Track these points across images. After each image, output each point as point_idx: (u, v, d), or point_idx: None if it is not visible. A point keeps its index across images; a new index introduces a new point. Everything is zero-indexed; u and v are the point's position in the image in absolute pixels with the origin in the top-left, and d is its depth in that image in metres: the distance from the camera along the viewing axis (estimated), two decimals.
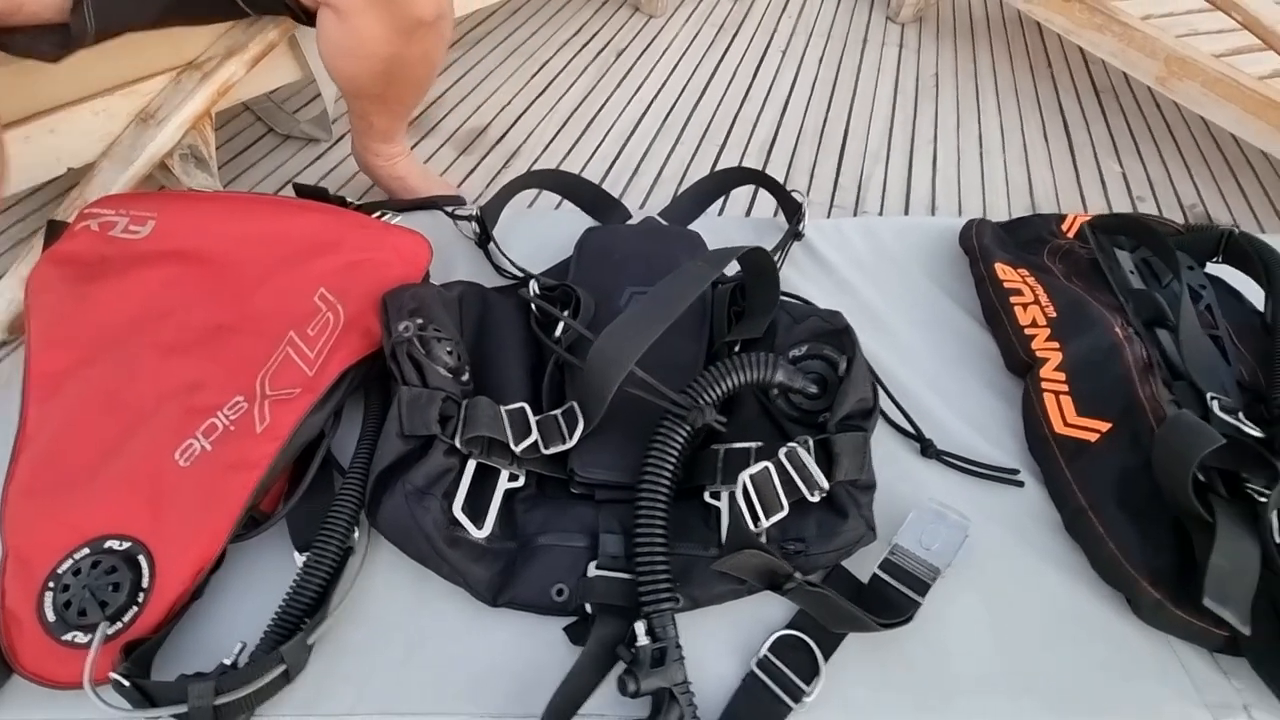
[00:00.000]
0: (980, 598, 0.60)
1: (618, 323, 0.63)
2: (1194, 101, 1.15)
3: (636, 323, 0.63)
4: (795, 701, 0.53)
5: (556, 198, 1.00)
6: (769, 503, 0.57)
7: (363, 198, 1.05)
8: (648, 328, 0.62)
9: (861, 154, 1.24)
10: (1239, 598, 0.55)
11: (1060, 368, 0.71)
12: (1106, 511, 0.63)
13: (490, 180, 1.14)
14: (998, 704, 0.55)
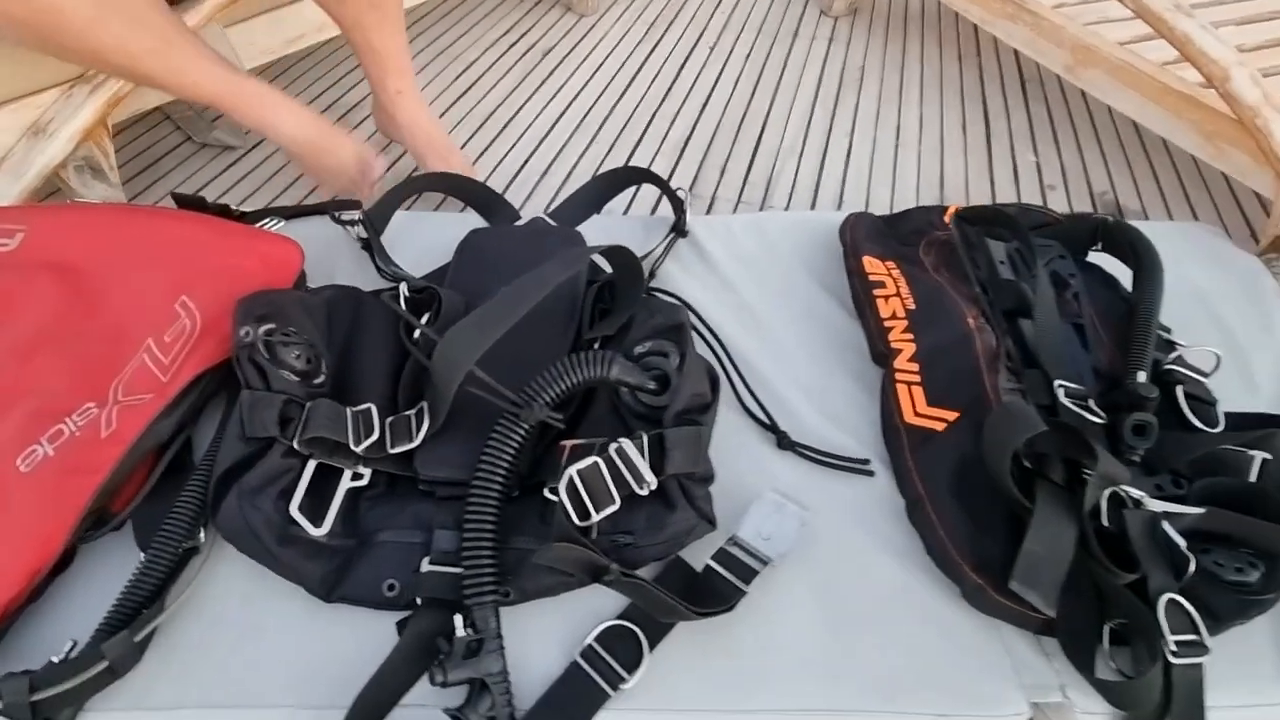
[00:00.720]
0: (813, 585, 0.62)
1: (460, 324, 0.64)
2: (1099, 89, 1.15)
3: (478, 324, 0.64)
4: (614, 689, 0.55)
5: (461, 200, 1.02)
6: (599, 497, 0.59)
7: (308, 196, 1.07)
8: (489, 329, 0.64)
9: (776, 149, 1.25)
10: (1048, 581, 0.56)
11: (914, 358, 0.73)
12: (941, 499, 0.64)
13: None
14: (816, 687, 0.56)
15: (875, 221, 0.90)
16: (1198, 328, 0.87)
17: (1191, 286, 0.91)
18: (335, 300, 0.76)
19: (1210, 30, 0.96)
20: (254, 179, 1.14)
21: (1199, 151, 1.04)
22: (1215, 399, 0.70)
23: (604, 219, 0.96)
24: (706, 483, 0.64)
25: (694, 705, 0.55)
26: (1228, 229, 1.16)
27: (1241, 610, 0.59)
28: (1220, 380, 0.81)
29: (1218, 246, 0.96)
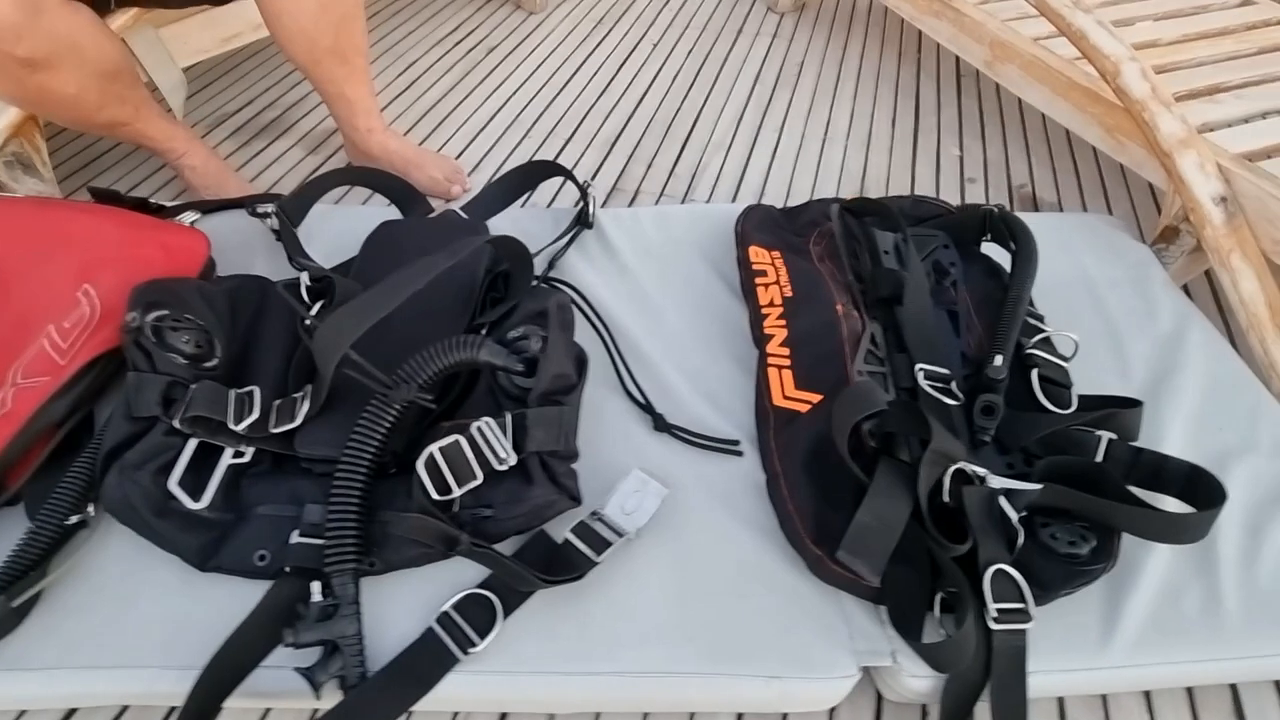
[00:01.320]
0: (670, 557, 0.65)
1: (338, 311, 0.68)
2: (1014, 84, 1.18)
3: (355, 311, 0.68)
4: (464, 652, 0.58)
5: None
6: (461, 472, 0.62)
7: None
8: (365, 316, 0.67)
9: (705, 144, 1.28)
10: (876, 552, 0.59)
11: (784, 343, 0.76)
12: (793, 476, 0.67)
13: None
14: (658, 653, 0.60)
15: (772, 213, 0.93)
16: (1083, 315, 0.90)
17: (1083, 275, 0.94)
18: (239, 289, 0.80)
19: (1105, 26, 0.98)
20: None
21: (1101, 144, 1.07)
22: (1069, 382, 0.73)
23: (518, 211, 1.00)
24: (569, 460, 0.67)
25: (539, 668, 0.59)
26: (1139, 220, 1.19)
27: (1068, 580, 0.62)
28: (1096, 365, 0.84)
29: (1113, 237, 0.99)
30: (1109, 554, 0.64)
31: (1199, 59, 1.14)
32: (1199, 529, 0.63)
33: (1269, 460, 0.74)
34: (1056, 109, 1.11)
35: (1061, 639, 0.61)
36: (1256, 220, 0.88)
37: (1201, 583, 0.65)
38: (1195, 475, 0.65)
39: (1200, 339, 0.86)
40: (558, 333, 0.68)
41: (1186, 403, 0.79)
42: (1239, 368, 0.83)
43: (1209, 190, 0.89)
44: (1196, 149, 0.90)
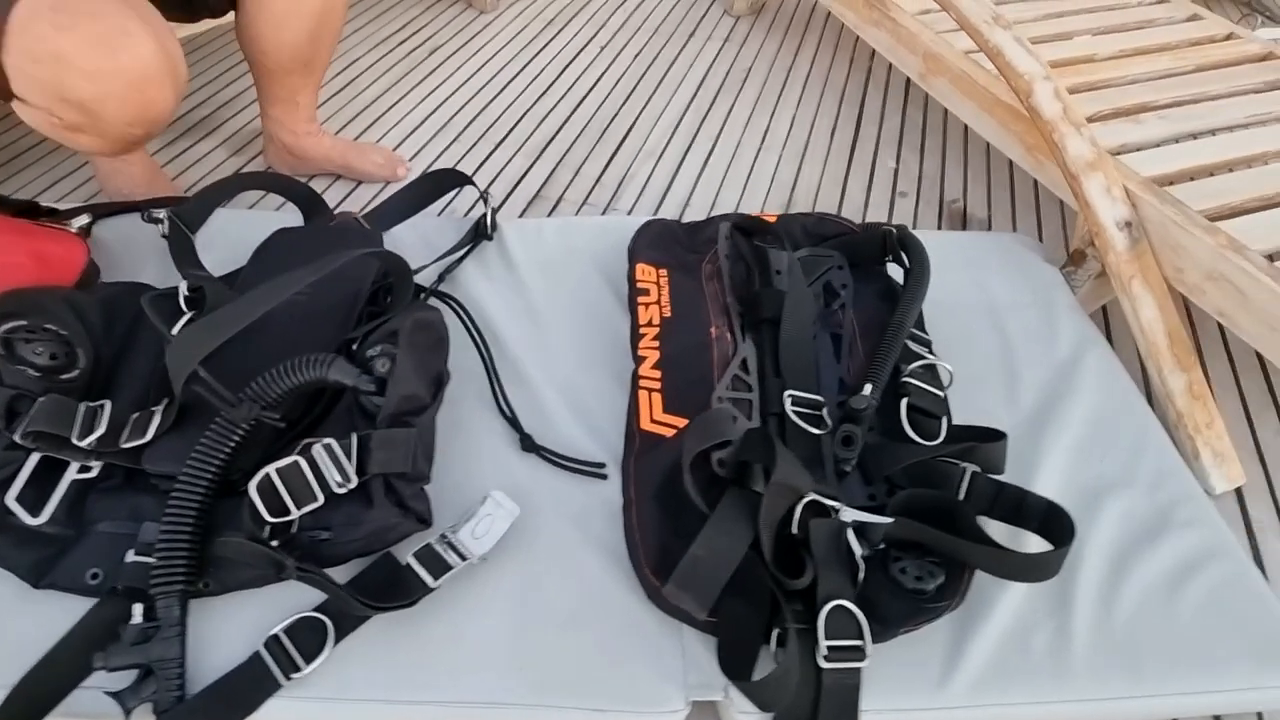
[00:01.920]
0: (516, 583, 0.64)
1: (193, 325, 0.68)
2: (944, 97, 1.16)
3: (208, 326, 0.67)
4: (288, 677, 0.58)
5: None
6: (299, 494, 0.61)
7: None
8: (219, 331, 0.67)
9: (637, 151, 1.26)
10: (705, 586, 0.58)
11: (657, 365, 0.75)
12: (645, 503, 0.67)
13: None
14: (484, 682, 0.59)
15: (673, 229, 0.91)
16: (981, 338, 0.88)
17: (987, 297, 0.93)
18: (116, 297, 0.79)
19: (1021, 43, 0.96)
20: None
21: (1022, 163, 1.05)
22: (941, 412, 0.72)
23: (421, 220, 0.98)
24: (419, 482, 0.66)
25: (364, 695, 0.58)
26: (1068, 242, 1.17)
27: (910, 616, 0.61)
28: (986, 390, 0.83)
29: (1024, 259, 0.97)
30: (955, 591, 0.63)
31: (1132, 76, 1.12)
32: (1047, 568, 0.62)
33: (1145, 495, 0.73)
34: (982, 124, 1.09)
35: (899, 678, 0.60)
36: (1160, 247, 0.87)
37: (1053, 622, 0.64)
38: (1051, 511, 0.64)
39: (1097, 366, 0.84)
40: (407, 353, 0.67)
41: (1071, 431, 0.78)
42: (1132, 397, 0.82)
43: (1114, 215, 0.87)
44: (1104, 172, 0.88)
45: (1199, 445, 0.83)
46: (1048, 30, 1.22)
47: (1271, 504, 0.83)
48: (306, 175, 1.13)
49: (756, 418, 0.71)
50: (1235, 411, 0.93)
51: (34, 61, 0.71)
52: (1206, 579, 0.67)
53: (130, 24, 0.74)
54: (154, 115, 0.80)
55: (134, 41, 0.74)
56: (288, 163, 1.15)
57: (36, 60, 0.71)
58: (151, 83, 0.77)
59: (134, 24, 0.74)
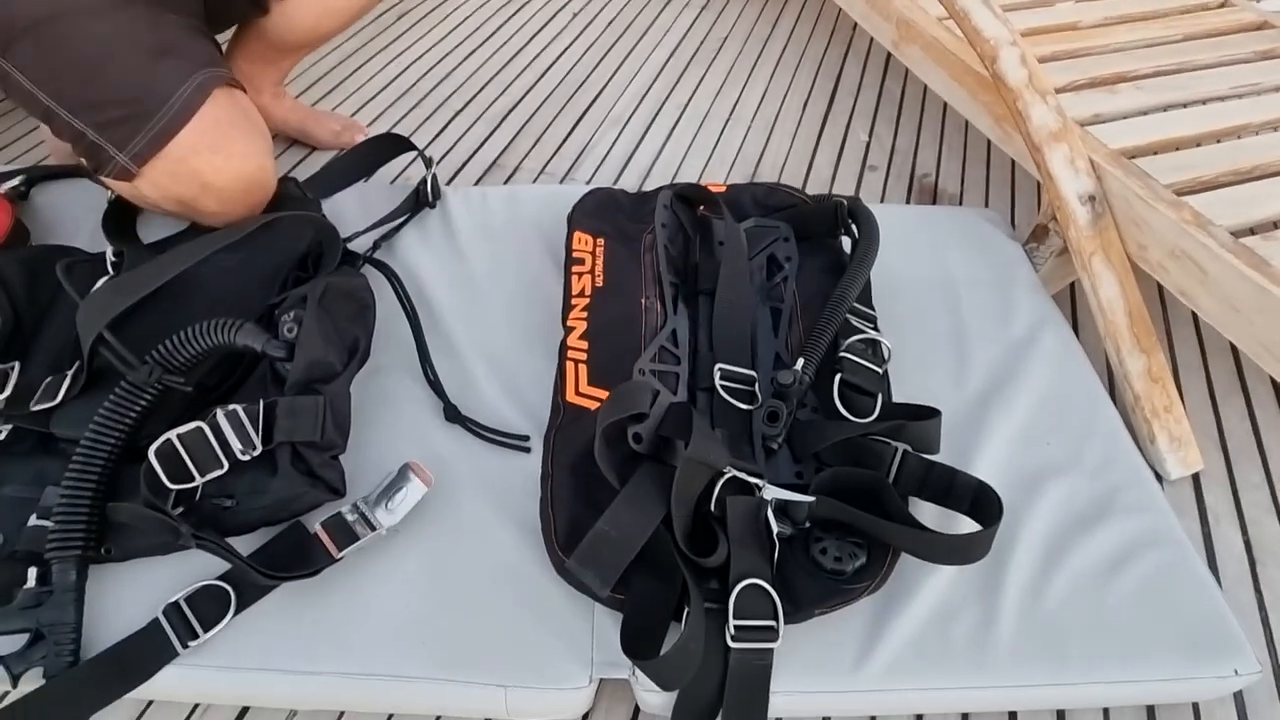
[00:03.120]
0: (428, 555, 0.62)
1: (99, 289, 0.66)
2: (916, 66, 1.11)
3: (115, 289, 0.66)
4: (184, 645, 0.57)
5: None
6: (203, 460, 0.60)
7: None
8: (125, 294, 0.65)
9: (601, 120, 1.22)
10: (609, 562, 0.57)
11: (584, 336, 0.72)
12: (560, 477, 0.65)
13: None
14: (390, 654, 0.57)
15: (618, 198, 0.88)
16: (935, 315, 0.85)
17: (945, 273, 0.89)
18: (39, 259, 0.78)
19: (989, 6, 0.92)
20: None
21: (991, 134, 1.00)
22: (877, 389, 0.69)
23: (364, 187, 0.96)
24: (329, 450, 0.64)
25: (262, 664, 0.57)
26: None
27: (825, 598, 0.59)
28: (935, 369, 0.80)
29: (988, 234, 0.94)
30: (875, 573, 0.61)
31: (1116, 44, 1.07)
32: (972, 550, 0.60)
33: (1090, 479, 0.71)
34: (953, 94, 1.05)
35: (814, 659, 0.59)
36: (1124, 222, 0.83)
37: (980, 606, 0.62)
38: (981, 492, 0.62)
39: (1052, 346, 0.81)
40: (315, 318, 0.65)
41: (1018, 413, 0.75)
42: (1086, 378, 0.79)
43: (1076, 187, 0.83)
44: (1068, 143, 0.84)
45: (1155, 429, 0.80)
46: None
47: (1229, 491, 0.80)
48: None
49: (683, 391, 0.69)
50: (1201, 395, 0.90)
51: (176, 182, 0.75)
52: (1145, 566, 0.65)
53: (265, 158, 0.79)
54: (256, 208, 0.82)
55: (264, 168, 0.79)
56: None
57: (179, 181, 0.74)
58: (263, 188, 0.80)
59: (266, 156, 0.79)
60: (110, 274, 0.76)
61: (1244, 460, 0.83)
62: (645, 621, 0.57)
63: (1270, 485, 0.81)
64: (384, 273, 0.81)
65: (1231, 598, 0.73)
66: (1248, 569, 0.75)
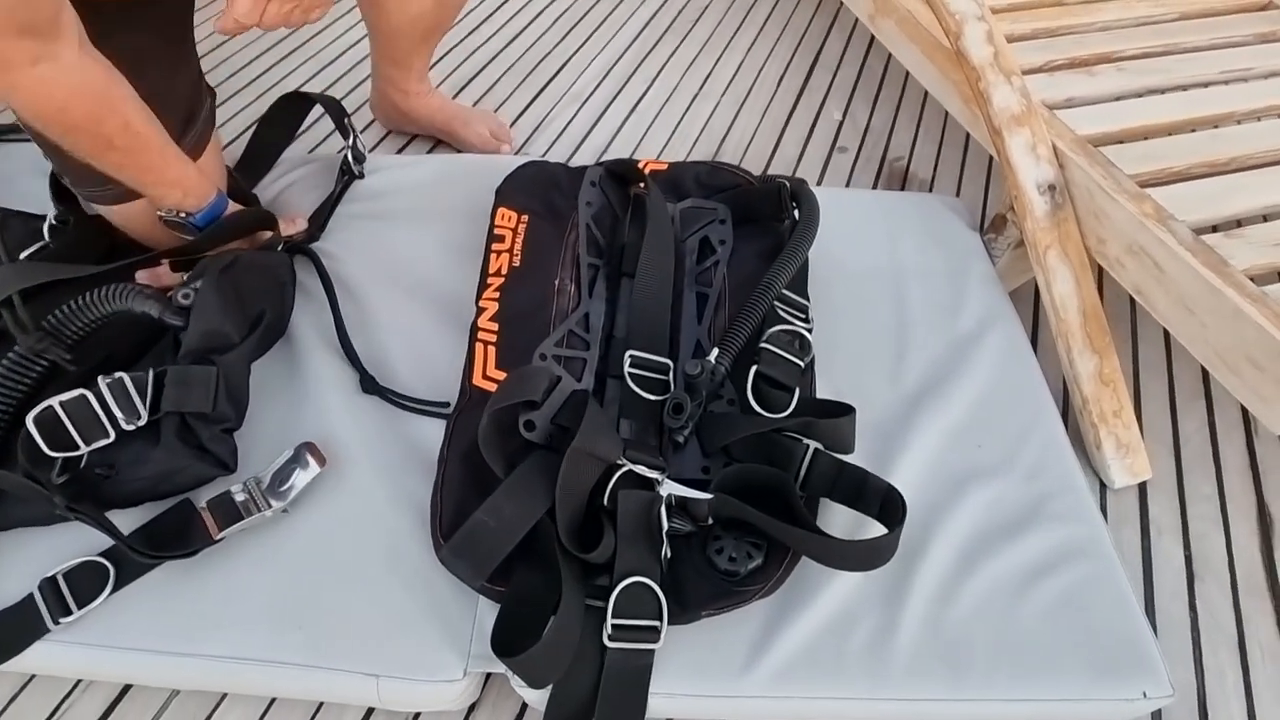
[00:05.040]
0: (316, 535, 0.61)
1: (33, 260, 0.65)
2: (890, 41, 1.06)
3: (50, 268, 0.65)
4: (56, 621, 0.56)
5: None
6: (87, 428, 0.58)
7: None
8: (56, 272, 0.64)
9: (562, 93, 1.18)
10: (484, 554, 0.54)
11: (494, 318, 0.70)
12: (454, 462, 0.63)
13: None
14: (261, 638, 0.56)
15: (550, 172, 0.84)
16: (879, 306, 0.81)
17: (895, 262, 0.85)
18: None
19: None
20: None
21: (960, 117, 0.95)
22: (794, 384, 0.66)
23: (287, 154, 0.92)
24: (222, 423, 0.63)
25: (134, 644, 0.56)
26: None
27: (714, 599, 0.57)
28: (868, 366, 0.76)
29: (947, 223, 0.89)
30: (770, 576, 0.58)
31: (1101, 23, 1.01)
32: (871, 556, 0.57)
33: (1019, 485, 0.67)
34: (924, 73, 0.99)
35: (701, 661, 0.56)
36: (1084, 214, 0.78)
37: (882, 614, 0.59)
38: (889, 496, 0.59)
39: (998, 343, 0.77)
40: (212, 287, 0.63)
41: (952, 412, 0.71)
42: (1030, 379, 0.75)
43: (1035, 176, 0.79)
44: (1030, 127, 0.79)
45: (1102, 435, 0.76)
46: None
47: (1177, 502, 0.77)
48: (410, 135, 1.09)
49: (590, 379, 0.66)
50: (1160, 400, 0.86)
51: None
52: (1064, 579, 0.61)
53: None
54: None
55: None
56: (395, 121, 1.09)
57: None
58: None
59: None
60: (46, 239, 0.75)
61: (1197, 470, 0.79)
62: (522, 616, 0.55)
63: (1221, 497, 0.77)
64: (302, 251, 0.78)
65: (1164, 614, 0.70)
66: (1185, 584, 0.71)
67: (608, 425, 0.59)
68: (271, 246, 0.76)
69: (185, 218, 0.70)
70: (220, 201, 0.73)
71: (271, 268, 0.72)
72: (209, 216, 0.71)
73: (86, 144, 0.62)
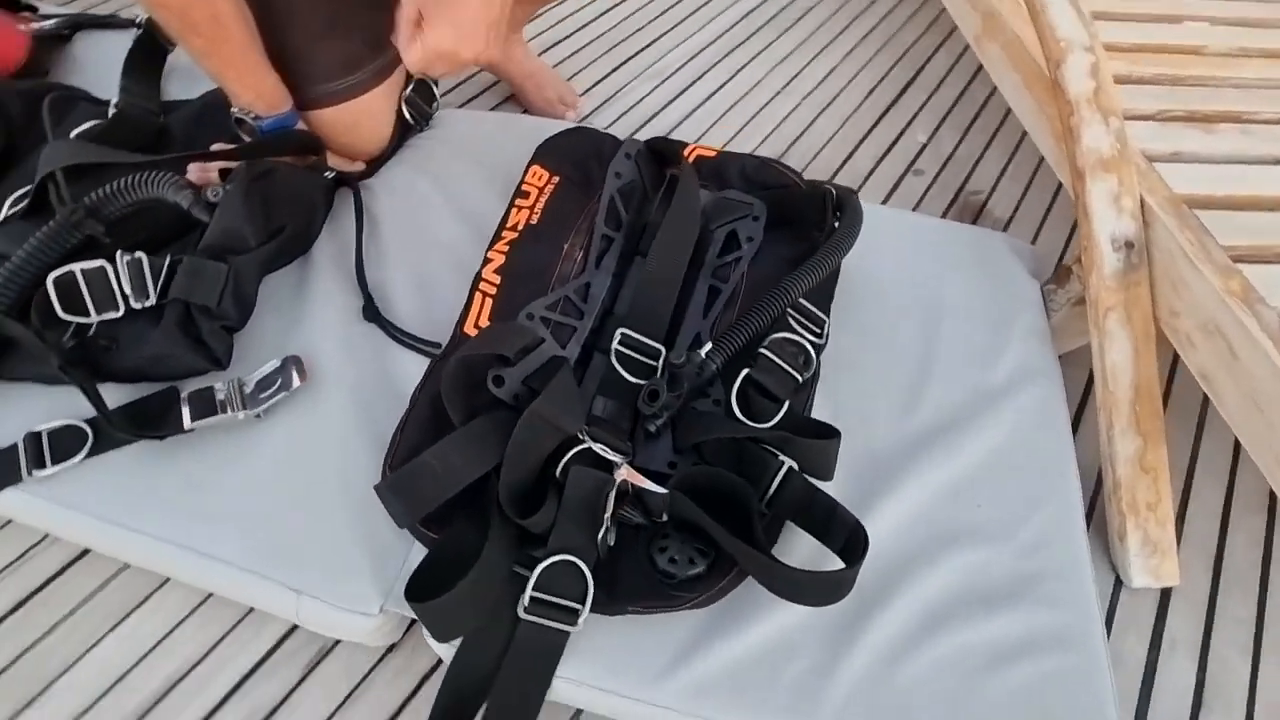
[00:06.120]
0: (283, 448, 0.61)
1: (82, 138, 0.72)
2: (993, 66, 0.97)
3: (90, 148, 0.70)
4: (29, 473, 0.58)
5: None
6: (101, 298, 0.61)
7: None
8: (96, 154, 0.69)
9: (642, 70, 1.16)
10: (420, 497, 0.54)
11: (499, 270, 0.69)
12: (422, 403, 0.62)
13: None
14: (210, 532, 0.57)
15: (596, 141, 0.82)
16: (905, 338, 0.75)
17: (936, 295, 0.79)
18: (42, 94, 0.82)
19: (1074, 4, 0.78)
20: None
21: (1049, 155, 0.86)
22: (783, 396, 0.62)
23: None
24: (224, 321, 0.65)
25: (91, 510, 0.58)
26: None
27: (643, 596, 0.54)
28: (879, 397, 0.71)
29: (1005, 264, 0.82)
30: (709, 588, 0.55)
31: (1237, 80, 0.90)
32: (820, 590, 0.53)
33: (1012, 557, 0.61)
34: (1021, 103, 0.91)
35: (617, 657, 0.54)
36: (1160, 280, 0.70)
37: (821, 655, 0.55)
38: (854, 534, 0.54)
39: (1029, 403, 0.70)
40: (240, 191, 0.65)
41: (956, 464, 0.65)
42: (1056, 450, 0.68)
43: (1112, 228, 0.71)
44: (1119, 174, 0.71)
45: (1129, 526, 0.68)
46: (1153, 7, 0.99)
47: (1202, 620, 0.68)
48: (478, 88, 1.10)
49: (576, 349, 0.64)
50: (1211, 507, 0.76)
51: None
52: (1038, 668, 0.55)
53: (375, 148, 0.83)
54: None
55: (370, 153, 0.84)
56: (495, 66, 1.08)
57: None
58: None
59: (376, 147, 0.83)
60: (102, 120, 0.80)
61: (1236, 589, 0.70)
62: (447, 567, 0.53)
63: (1258, 624, 0.68)
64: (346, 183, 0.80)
65: None
66: (1189, 710, 0.63)
67: (575, 397, 0.57)
68: (318, 171, 0.78)
69: (254, 120, 0.74)
70: (289, 117, 0.76)
71: (305, 188, 0.74)
72: (274, 126, 0.75)
73: (175, 25, 0.67)
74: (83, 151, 0.70)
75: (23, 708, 0.58)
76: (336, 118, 0.79)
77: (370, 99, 0.80)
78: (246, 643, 0.63)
